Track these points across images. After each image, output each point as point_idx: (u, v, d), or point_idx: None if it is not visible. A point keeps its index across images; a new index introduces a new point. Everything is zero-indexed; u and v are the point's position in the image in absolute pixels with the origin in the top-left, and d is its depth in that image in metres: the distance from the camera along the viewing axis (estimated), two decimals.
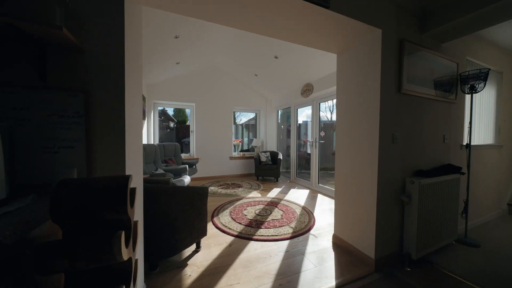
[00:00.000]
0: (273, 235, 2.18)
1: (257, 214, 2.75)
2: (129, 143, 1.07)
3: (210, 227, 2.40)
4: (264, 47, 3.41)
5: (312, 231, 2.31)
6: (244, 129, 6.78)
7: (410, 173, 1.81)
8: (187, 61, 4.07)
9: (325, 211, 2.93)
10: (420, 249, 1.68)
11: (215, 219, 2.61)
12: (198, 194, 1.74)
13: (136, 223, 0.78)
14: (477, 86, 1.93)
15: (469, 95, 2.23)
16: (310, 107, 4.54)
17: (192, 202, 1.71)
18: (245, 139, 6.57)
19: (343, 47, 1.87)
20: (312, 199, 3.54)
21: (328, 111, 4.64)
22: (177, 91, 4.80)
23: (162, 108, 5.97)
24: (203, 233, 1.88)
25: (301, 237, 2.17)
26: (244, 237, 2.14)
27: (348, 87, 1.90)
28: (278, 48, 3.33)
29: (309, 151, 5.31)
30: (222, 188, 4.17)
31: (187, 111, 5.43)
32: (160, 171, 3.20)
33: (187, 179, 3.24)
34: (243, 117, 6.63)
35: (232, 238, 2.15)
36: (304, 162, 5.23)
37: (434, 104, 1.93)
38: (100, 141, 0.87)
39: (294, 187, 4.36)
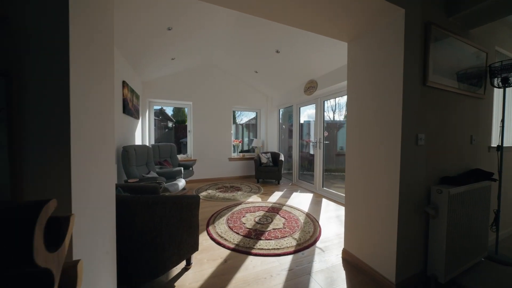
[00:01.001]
0: (274, 249, 1.93)
1: (257, 222, 2.50)
2: (93, 146, 0.83)
3: (204, 238, 2.15)
4: (264, 40, 3.16)
5: (318, 244, 2.05)
6: (245, 129, 6.53)
7: (435, 180, 1.54)
8: (183, 57, 3.83)
9: (331, 219, 2.67)
10: (448, 270, 1.42)
11: (210, 228, 2.37)
12: (187, 204, 1.49)
13: (75, 265, 0.54)
14: (511, 78, 1.67)
15: (498, 90, 1.97)
16: (313, 105, 4.28)
17: (180, 213, 1.46)
18: (246, 139, 6.33)
19: (356, 32, 1.61)
20: (316, 204, 3.28)
21: (330, 111, 4.38)
22: (173, 89, 4.56)
23: (160, 107, 5.76)
24: (194, 248, 1.63)
25: (306, 251, 1.91)
26: (242, 251, 1.89)
27: (361, 81, 1.64)
28: (279, 41, 3.08)
29: (312, 152, 5.06)
30: (220, 192, 3.92)
31: (187, 110, 5.19)
32: (152, 174, 2.96)
33: (181, 183, 3.00)
34: (244, 117, 6.38)
35: (228, 252, 1.90)
36: (306, 163, 4.98)
37: (461, 99, 1.67)
38: (31, 146, 0.62)
39: (296, 191, 4.11)
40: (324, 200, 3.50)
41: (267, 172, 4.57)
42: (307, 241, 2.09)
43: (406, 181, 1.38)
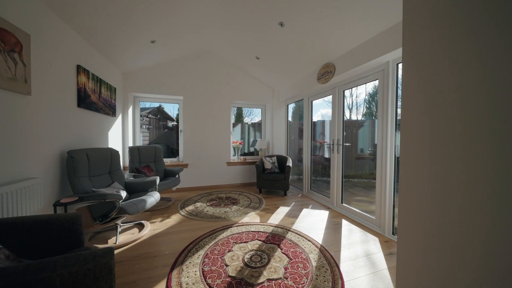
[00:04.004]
0: None
1: (246, 264, 1.69)
2: None
3: None
4: (263, 9, 2.34)
5: None
6: (251, 128, 5.75)
7: None
8: (166, 40, 3.12)
9: (358, 260, 1.79)
10: None
11: (175, 272, 1.60)
12: (73, 279, 0.73)
13: None
14: None
15: None
16: (329, 98, 3.39)
17: None
18: (252, 140, 5.55)
19: None
20: (334, 229, 2.40)
21: (346, 109, 3.45)
22: (161, 81, 3.89)
23: (159, 105, 5.23)
24: None
25: None
26: None
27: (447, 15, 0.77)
28: (283, 10, 2.24)
29: (326, 155, 4.17)
30: (211, 206, 3.16)
31: (178, 106, 4.51)
32: (115, 186, 2.27)
33: (151, 199, 2.27)
34: (256, 116, 5.53)
35: None
36: (320, 167, 4.08)
37: None
38: None
39: (307, 206, 3.24)
40: (344, 223, 2.60)
41: (271, 181, 3.74)
42: None
43: None
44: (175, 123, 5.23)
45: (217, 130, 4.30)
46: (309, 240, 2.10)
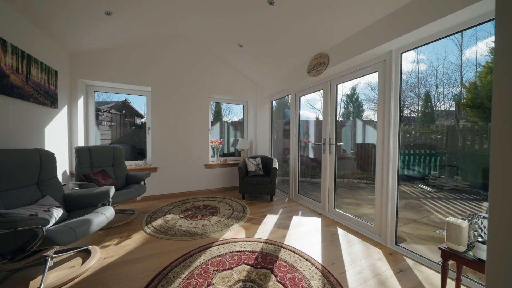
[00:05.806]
0: None
1: None
2: None
3: None
4: None
5: None
6: (231, 127, 5.26)
7: None
8: (126, 13, 2.49)
9: (369, 283, 1.47)
10: None
11: None
12: None
13: None
14: None
15: None
16: (311, 96, 3.13)
17: None
18: (232, 140, 5.07)
19: None
20: (331, 241, 2.09)
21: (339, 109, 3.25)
22: (122, 67, 3.20)
23: (124, 98, 4.46)
24: None
25: None
26: None
27: None
28: None
29: (311, 155, 3.95)
30: (185, 217, 2.63)
31: (145, 98, 3.83)
32: (46, 202, 1.63)
33: (100, 219, 1.68)
34: (234, 116, 5.11)
35: None
36: (303, 168, 3.83)
37: None
38: None
39: (297, 213, 2.90)
40: (340, 232, 2.31)
41: (255, 185, 3.33)
42: None
43: None
44: (144, 120, 4.51)
45: (193, 128, 3.75)
46: (306, 259, 1.74)
